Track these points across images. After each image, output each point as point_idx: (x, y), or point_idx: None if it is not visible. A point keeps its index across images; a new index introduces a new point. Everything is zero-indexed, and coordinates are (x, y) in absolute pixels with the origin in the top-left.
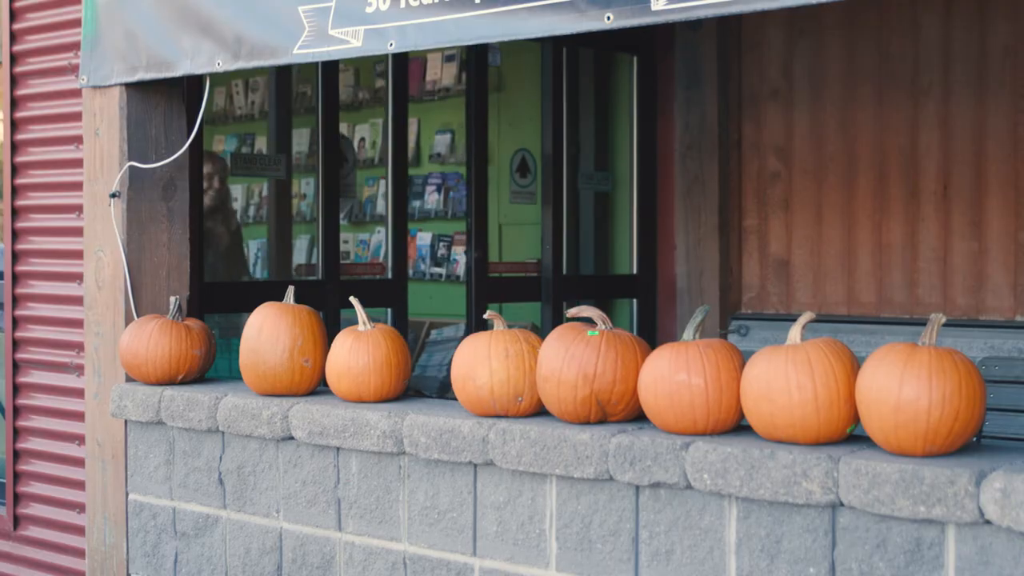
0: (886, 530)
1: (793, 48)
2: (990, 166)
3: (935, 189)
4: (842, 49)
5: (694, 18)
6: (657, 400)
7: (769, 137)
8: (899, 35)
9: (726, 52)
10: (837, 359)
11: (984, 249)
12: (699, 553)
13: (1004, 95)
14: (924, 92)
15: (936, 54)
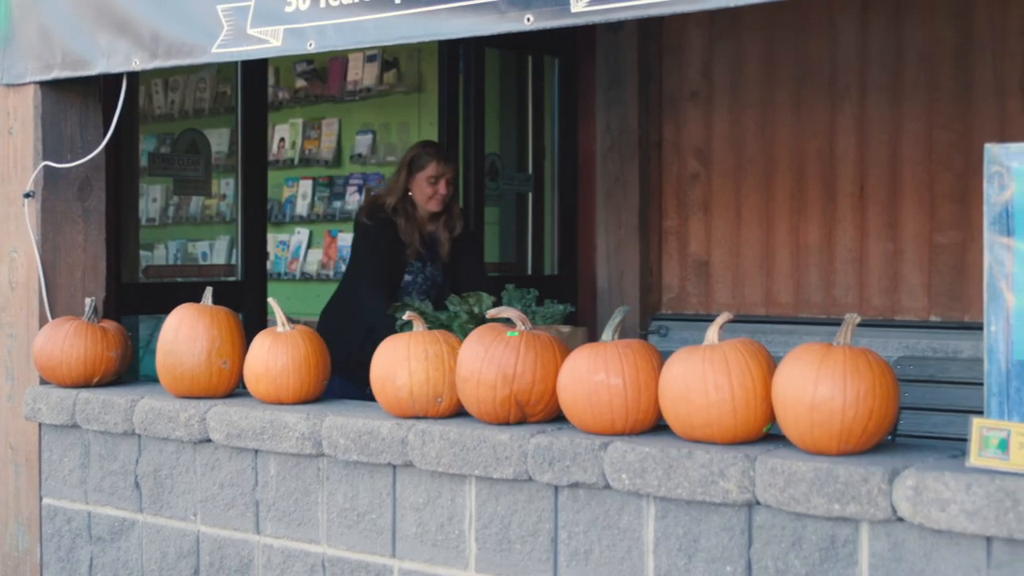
0: (801, 528)
1: (713, 50)
2: (905, 168)
3: (852, 191)
4: (761, 51)
5: (614, 20)
6: (576, 400)
7: (689, 139)
8: (817, 38)
9: (647, 54)
10: (754, 359)
11: (899, 250)
12: (617, 552)
13: (919, 99)
14: (841, 95)
15: (853, 57)
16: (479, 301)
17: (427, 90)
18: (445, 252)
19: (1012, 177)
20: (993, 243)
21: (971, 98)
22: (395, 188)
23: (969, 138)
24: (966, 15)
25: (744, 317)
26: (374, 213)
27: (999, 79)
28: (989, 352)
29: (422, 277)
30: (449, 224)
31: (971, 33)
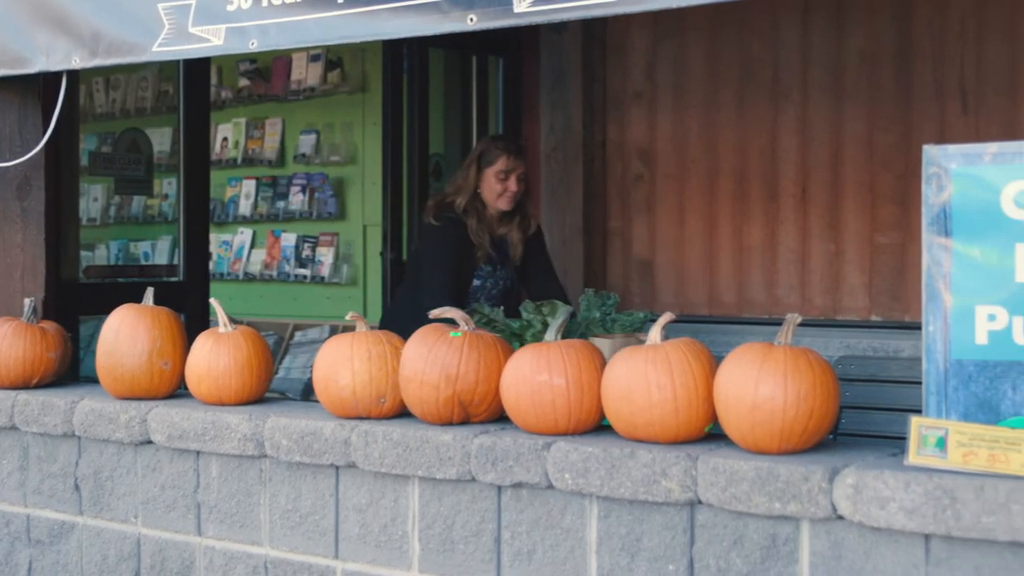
0: (743, 527)
1: (656, 51)
2: (847, 169)
3: (794, 192)
4: (704, 52)
5: (557, 20)
6: (519, 400)
7: (633, 139)
8: (760, 40)
9: (591, 54)
10: (696, 359)
11: (840, 251)
12: (560, 552)
13: (860, 100)
14: (784, 96)
15: (795, 59)
16: (553, 310)
17: (371, 90)
18: (517, 255)
19: (950, 179)
20: (931, 244)
21: (911, 100)
22: (464, 186)
23: (909, 139)
24: (906, 17)
25: (687, 317)
26: (441, 213)
27: (939, 81)
28: (927, 352)
29: (491, 281)
30: (522, 225)
31: (911, 35)
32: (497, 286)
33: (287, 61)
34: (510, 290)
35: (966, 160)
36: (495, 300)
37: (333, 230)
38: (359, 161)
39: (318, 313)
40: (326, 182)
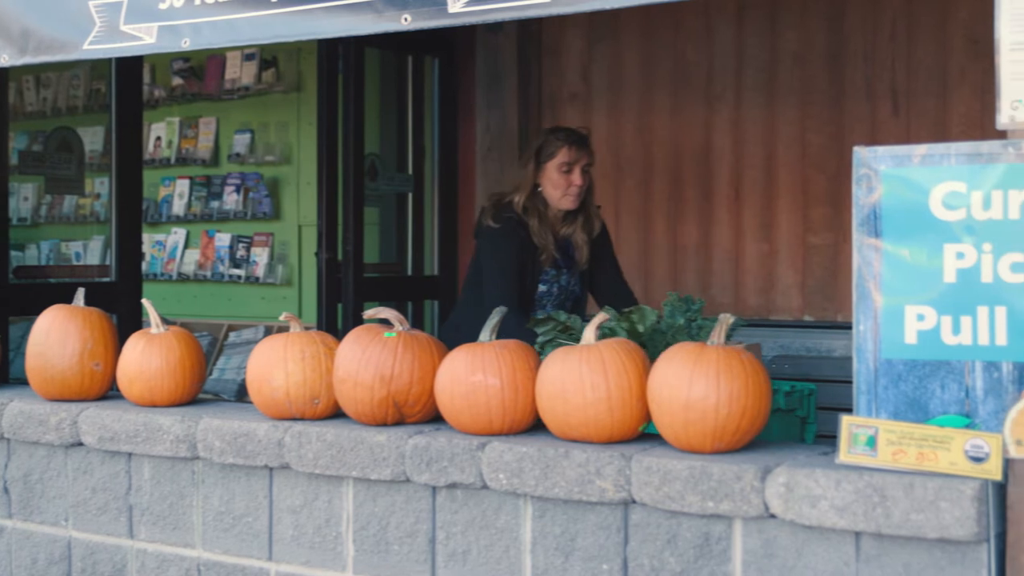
0: (676, 526)
1: (592, 52)
2: (780, 170)
3: (728, 192)
4: (639, 54)
5: (491, 20)
6: (454, 401)
7: None
8: (694, 41)
9: (526, 55)
10: (630, 359)
11: (774, 251)
12: (495, 552)
13: (793, 101)
14: (718, 97)
15: (729, 60)
16: (642, 317)
17: (306, 89)
18: (583, 258)
19: (880, 180)
20: (862, 244)
21: (843, 101)
22: (523, 183)
23: (841, 141)
24: (839, 20)
25: None
26: (501, 215)
27: (870, 83)
28: (858, 351)
29: (557, 287)
30: (587, 226)
31: (844, 37)
32: (564, 292)
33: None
34: (578, 296)
35: (896, 161)
36: (562, 307)
37: (268, 230)
38: (294, 161)
39: (253, 313)
40: (261, 182)
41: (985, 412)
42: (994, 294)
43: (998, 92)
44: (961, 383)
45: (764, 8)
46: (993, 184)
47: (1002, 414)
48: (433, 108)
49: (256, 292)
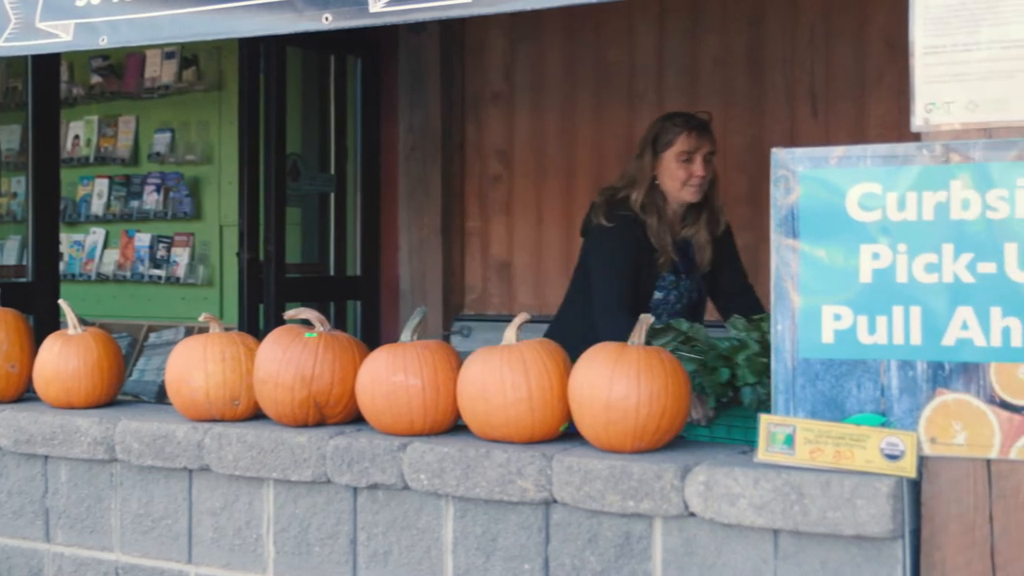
0: (597, 525)
1: (515, 52)
2: None
3: None
4: (562, 54)
5: (412, 20)
6: (375, 401)
7: (491, 140)
8: (616, 43)
9: (449, 55)
10: (551, 359)
11: None
12: (416, 553)
13: (714, 103)
14: (639, 98)
15: (651, 62)
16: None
17: (228, 88)
18: (705, 260)
19: (798, 181)
20: (780, 245)
21: (763, 103)
22: (639, 177)
23: (761, 142)
24: (759, 23)
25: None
26: (614, 212)
27: (789, 85)
28: (776, 351)
29: (675, 293)
30: (711, 224)
31: (764, 40)
32: (682, 299)
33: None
34: (696, 303)
35: (813, 163)
36: (680, 315)
37: (189, 230)
38: (215, 160)
39: (173, 314)
40: (181, 181)
41: (900, 410)
42: (909, 294)
43: (913, 95)
44: (877, 382)
45: (685, 11)
46: (908, 186)
47: (917, 412)
48: (356, 108)
49: (177, 293)
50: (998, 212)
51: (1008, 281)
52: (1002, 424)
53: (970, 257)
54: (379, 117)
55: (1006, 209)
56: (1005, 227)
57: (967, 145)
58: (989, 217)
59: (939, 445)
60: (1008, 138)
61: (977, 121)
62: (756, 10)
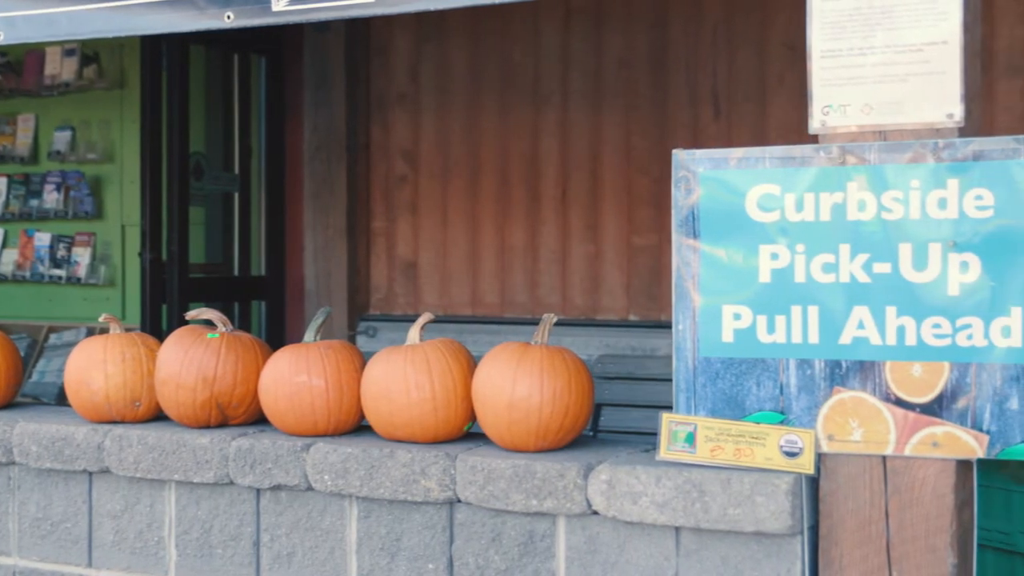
0: (501, 524)
1: (420, 53)
2: (605, 173)
3: (555, 194)
4: (467, 56)
5: (315, 20)
6: (278, 402)
7: (396, 141)
8: (522, 44)
9: (354, 55)
10: (455, 359)
11: (600, 252)
12: (320, 554)
13: (618, 105)
14: (545, 100)
15: (556, 64)
16: None
17: (130, 86)
18: None
19: (698, 182)
20: (680, 245)
21: (667, 105)
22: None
23: (664, 144)
24: (662, 26)
25: (451, 317)
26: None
27: (692, 87)
28: (677, 350)
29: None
30: None
31: (667, 43)
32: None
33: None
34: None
35: (713, 164)
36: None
37: (90, 230)
38: (117, 159)
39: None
40: (82, 180)
41: (799, 408)
42: (807, 294)
43: (810, 98)
44: (776, 380)
45: (589, 13)
46: (805, 187)
47: (815, 410)
48: (260, 107)
49: (78, 293)
50: (893, 213)
51: (903, 281)
52: (897, 421)
53: (866, 257)
54: (284, 117)
55: (901, 210)
56: (900, 228)
57: (863, 147)
58: (884, 218)
59: (836, 442)
60: (902, 140)
61: (872, 124)
62: (659, 12)
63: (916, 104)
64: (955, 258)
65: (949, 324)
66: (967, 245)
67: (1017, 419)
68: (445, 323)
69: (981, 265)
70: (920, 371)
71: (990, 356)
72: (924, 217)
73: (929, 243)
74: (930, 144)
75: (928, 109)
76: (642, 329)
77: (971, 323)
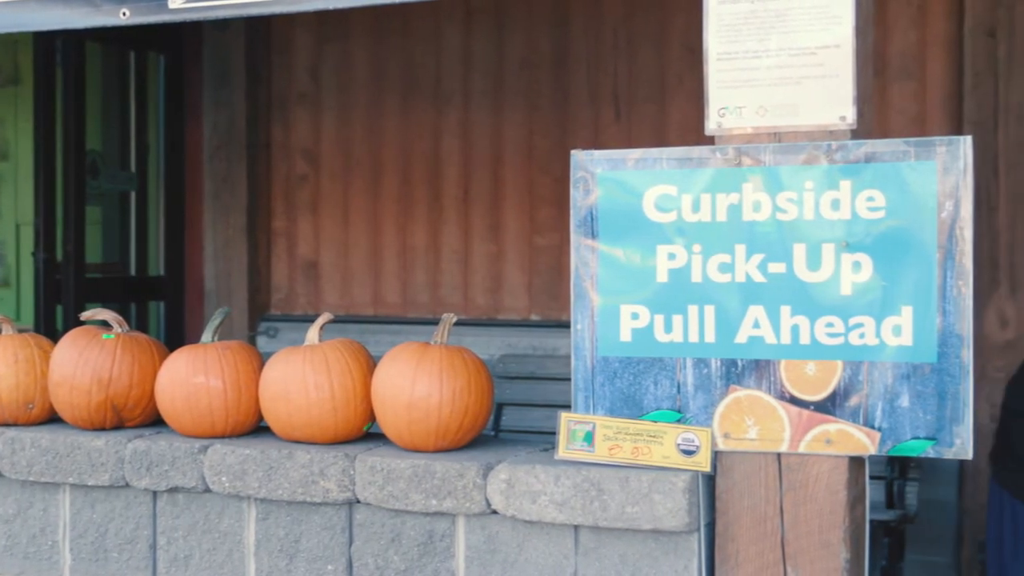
0: (401, 524)
1: (321, 53)
2: (507, 172)
3: (457, 194)
4: (369, 55)
5: (212, 18)
6: (175, 404)
7: (297, 140)
8: (423, 44)
9: (255, 54)
10: (354, 359)
11: (502, 252)
12: (218, 556)
13: (519, 104)
14: (446, 100)
15: (457, 63)
16: None
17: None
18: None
19: (596, 182)
20: (579, 245)
21: (568, 106)
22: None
23: (565, 144)
24: (563, 26)
25: (353, 317)
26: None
27: (593, 88)
28: (576, 349)
29: None
30: None
31: (568, 44)
32: None
33: None
34: None
35: (611, 165)
36: None
37: None
38: (11, 157)
39: None
40: None
41: (695, 407)
42: (703, 293)
43: (706, 99)
44: (673, 379)
45: (491, 13)
46: (702, 188)
47: (711, 409)
48: (159, 105)
49: None
50: (787, 214)
51: (797, 281)
52: (792, 419)
53: (761, 257)
54: (183, 115)
55: (795, 211)
56: (794, 228)
57: (758, 149)
58: (779, 219)
59: (732, 440)
60: (796, 142)
61: (767, 125)
62: (560, 14)
63: (810, 106)
64: (848, 258)
65: (842, 323)
66: (859, 246)
67: (908, 416)
68: (347, 323)
69: (873, 265)
70: (814, 370)
71: (881, 355)
72: (818, 218)
73: (823, 243)
74: (823, 146)
75: (821, 111)
76: (544, 329)
77: (863, 322)
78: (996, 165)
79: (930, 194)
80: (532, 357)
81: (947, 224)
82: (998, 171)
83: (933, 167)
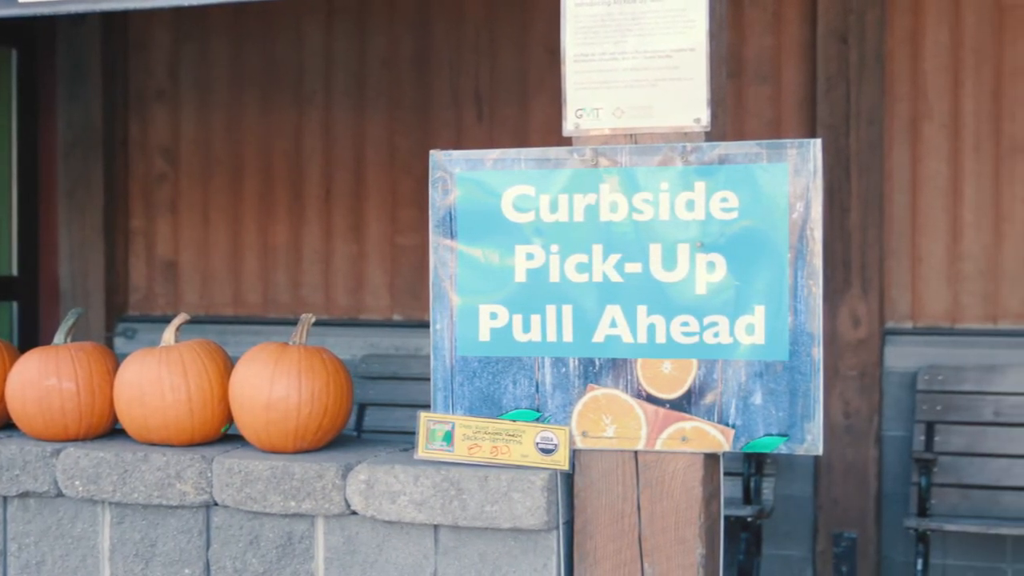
0: (259, 526)
1: (180, 50)
2: (369, 172)
3: (318, 193)
4: (229, 53)
5: (65, 13)
6: (26, 406)
7: (156, 138)
8: (284, 42)
9: (112, 49)
10: (211, 359)
11: (364, 252)
12: (72, 562)
13: (381, 105)
14: (308, 99)
15: (319, 62)
16: None
17: None
18: None
19: (455, 183)
20: (438, 245)
21: (430, 106)
22: None
23: (428, 145)
24: (425, 26)
25: (213, 317)
26: None
27: (455, 89)
28: (435, 349)
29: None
30: None
31: (430, 44)
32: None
33: None
34: None
35: (470, 165)
36: None
37: None
38: None
39: None
40: None
41: (554, 406)
42: (561, 293)
43: (564, 100)
44: (532, 379)
45: (352, 12)
46: (560, 188)
47: (569, 407)
48: (11, 101)
49: None
50: (644, 214)
51: (653, 280)
52: (648, 417)
53: (618, 257)
54: (37, 111)
55: (651, 212)
56: (650, 229)
57: (614, 150)
58: (635, 219)
59: (590, 439)
60: (652, 144)
61: (624, 127)
62: (422, 14)
63: (665, 108)
64: (702, 258)
65: (697, 322)
66: (714, 246)
67: (760, 413)
68: (206, 323)
69: (727, 265)
70: (670, 368)
71: (735, 353)
72: (673, 218)
73: (678, 244)
74: (678, 147)
75: (677, 113)
76: (406, 329)
77: (718, 321)
78: (848, 168)
79: (782, 195)
80: (395, 357)
81: (798, 225)
82: (850, 174)
83: (784, 169)
